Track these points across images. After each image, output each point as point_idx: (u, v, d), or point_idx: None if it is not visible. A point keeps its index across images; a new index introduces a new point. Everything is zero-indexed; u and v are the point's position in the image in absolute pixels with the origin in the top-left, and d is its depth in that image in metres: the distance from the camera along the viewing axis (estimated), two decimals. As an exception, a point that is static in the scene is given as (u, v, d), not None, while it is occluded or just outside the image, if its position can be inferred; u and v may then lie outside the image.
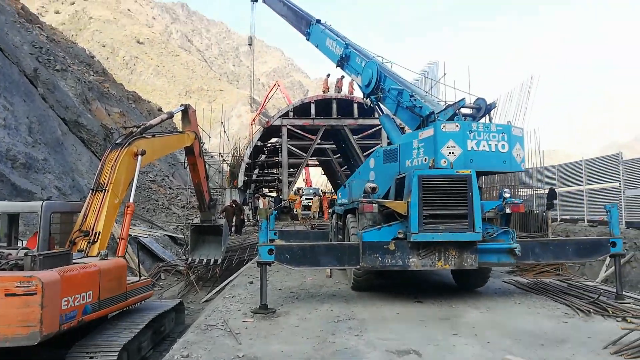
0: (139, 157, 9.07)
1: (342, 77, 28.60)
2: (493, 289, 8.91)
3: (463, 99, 8.37)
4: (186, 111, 12.05)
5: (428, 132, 8.05)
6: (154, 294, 13.79)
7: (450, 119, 8.27)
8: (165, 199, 29.15)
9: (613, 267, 12.49)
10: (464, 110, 8.55)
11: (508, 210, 7.71)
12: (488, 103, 8.51)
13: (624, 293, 7.66)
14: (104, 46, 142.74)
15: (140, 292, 8.10)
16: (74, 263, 6.63)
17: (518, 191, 18.23)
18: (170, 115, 11.76)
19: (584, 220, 17.92)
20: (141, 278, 8.36)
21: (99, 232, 7.95)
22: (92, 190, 8.45)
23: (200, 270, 15.03)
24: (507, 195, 7.84)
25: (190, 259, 14.13)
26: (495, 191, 17.91)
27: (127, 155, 8.85)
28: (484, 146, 7.84)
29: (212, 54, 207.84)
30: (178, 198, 30.19)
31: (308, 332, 6.04)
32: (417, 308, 7.35)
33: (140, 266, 16.05)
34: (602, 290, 7.78)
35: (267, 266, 7.37)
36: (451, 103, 8.58)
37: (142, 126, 9.97)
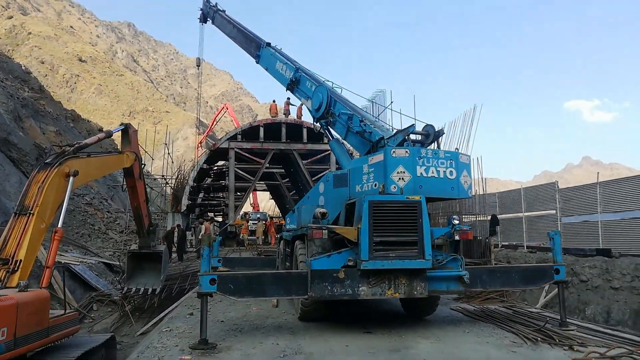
0: (71, 178, 8.34)
1: (288, 98, 28.65)
2: (441, 316, 8.81)
3: (412, 125, 8.38)
4: (126, 131, 11.40)
5: (378, 157, 7.95)
6: (82, 327, 12.76)
7: (400, 144, 8.23)
8: (103, 223, 27.54)
9: (552, 293, 12.90)
10: (412, 137, 8.56)
11: (457, 237, 7.67)
12: (436, 130, 8.56)
13: (567, 320, 7.74)
14: (42, 63, 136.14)
15: (66, 327, 7.31)
16: (-13, 296, 5.86)
17: (462, 218, 18.59)
18: (109, 135, 11.05)
19: (523, 246, 18.55)
20: (67, 311, 7.55)
21: (20, 260, 7.16)
22: (15, 213, 7.64)
23: (137, 300, 14.07)
24: (456, 222, 7.83)
25: (125, 288, 13.19)
26: (439, 217, 18.21)
27: (57, 176, 8.11)
28: (432, 172, 7.82)
29: (158, 75, 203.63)
30: (116, 222, 28.64)
31: (251, 369, 5.59)
32: (366, 339, 7.07)
33: (70, 296, 14.88)
34: (548, 318, 7.84)
35: (209, 297, 6.88)
36: (401, 129, 8.55)
37: (76, 145, 9.25)
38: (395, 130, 8.79)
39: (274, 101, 30.27)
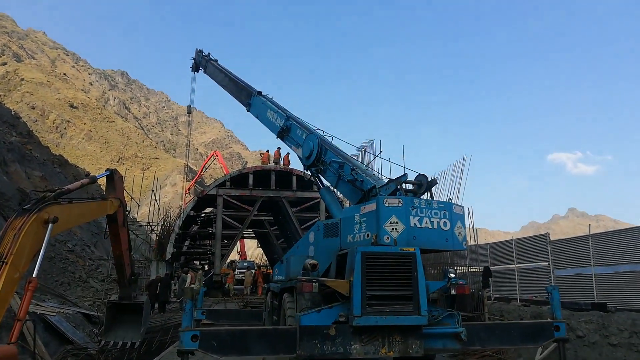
0: (50, 225, 7.95)
1: (279, 147, 28.83)
2: (437, 376, 8.35)
3: (405, 175, 8.25)
4: (112, 176, 11.11)
5: (370, 206, 7.75)
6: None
7: (392, 194, 8.06)
8: (84, 271, 26.58)
9: (549, 349, 12.44)
10: (405, 186, 8.41)
11: (453, 292, 7.38)
12: (429, 179, 8.44)
13: (570, 381, 7.34)
14: (33, 108, 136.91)
15: (32, 388, 6.73)
16: (-54, 353, 5.37)
17: (456, 269, 18.25)
18: (93, 180, 10.71)
19: (516, 299, 18.14)
20: (35, 370, 6.99)
21: (-11, 313, 6.67)
22: (-13, 262, 7.21)
23: (115, 354, 13.29)
24: (452, 275, 7.55)
25: (103, 342, 12.48)
26: (429, 268, 17.87)
27: (36, 222, 7.68)
28: (426, 223, 7.62)
29: (149, 122, 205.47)
30: (98, 270, 27.68)
31: None
32: (358, 402, 6.59)
33: (44, 350, 14.01)
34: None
35: (190, 355, 6.41)
36: (393, 178, 8.42)
37: (58, 190, 8.92)
38: (387, 180, 8.65)
39: (267, 151, 30.46)
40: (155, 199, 29.26)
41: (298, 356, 6.61)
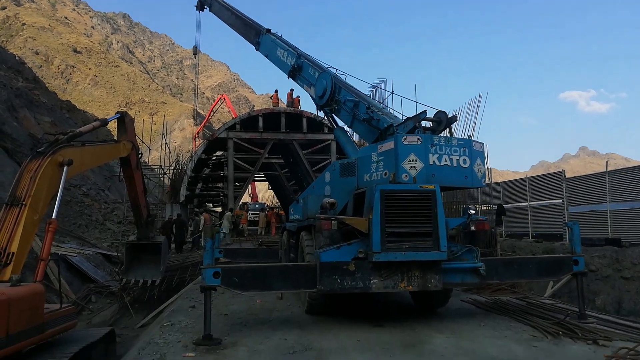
0: (65, 167, 7.93)
1: (292, 89, 28.25)
2: (453, 309, 8.51)
3: (424, 112, 7.99)
4: (122, 119, 11.00)
5: (388, 145, 7.59)
6: (80, 320, 12.44)
7: (410, 132, 7.88)
8: (100, 214, 27.16)
9: (560, 283, 12.63)
10: (424, 124, 8.18)
11: (473, 228, 7.34)
12: (449, 116, 8.20)
13: (586, 312, 7.44)
14: (37, 54, 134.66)
15: (62, 322, 6.97)
16: (-24, 291, 5.51)
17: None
18: (104, 123, 10.62)
19: (528, 235, 18.30)
20: (63, 306, 7.21)
21: (13, 253, 6.80)
22: (7, 204, 7.24)
23: (136, 292, 13.76)
24: (472, 212, 7.49)
25: (124, 280, 12.87)
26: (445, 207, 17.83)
27: (51, 165, 7.69)
28: (445, 161, 7.48)
29: (154, 66, 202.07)
30: (114, 213, 28.25)
31: (260, 367, 5.27)
32: (378, 334, 6.75)
33: (68, 288, 14.54)
34: (568, 311, 7.53)
35: (212, 291, 6.54)
36: (411, 116, 8.18)
37: (70, 133, 8.84)
38: (405, 118, 8.41)
39: (276, 91, 29.84)
40: (166, 143, 29.23)
41: (319, 291, 6.72)
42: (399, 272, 6.78)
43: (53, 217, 7.70)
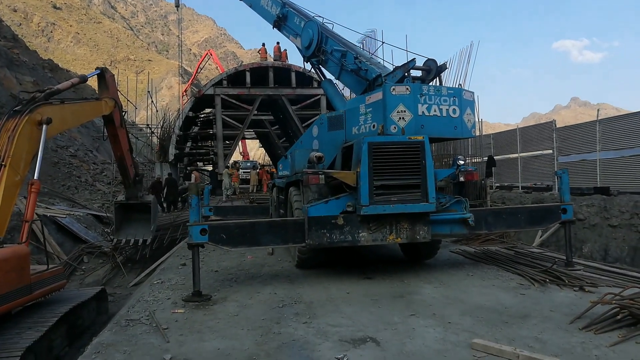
0: (44, 126, 7.67)
1: (278, 42, 27.53)
2: (442, 260, 8.58)
3: (413, 60, 7.72)
4: (103, 75, 10.60)
5: (376, 95, 7.37)
6: (73, 280, 12.49)
7: (399, 81, 7.62)
8: (89, 175, 26.90)
9: (548, 232, 12.78)
10: (413, 73, 7.94)
11: (462, 179, 7.26)
12: (439, 65, 7.95)
13: (573, 260, 7.52)
14: (15, 11, 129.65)
15: (50, 283, 6.93)
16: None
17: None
18: (83, 80, 10.24)
19: (518, 187, 18.40)
20: (50, 267, 7.15)
21: (-5, 215, 6.66)
22: (-15, 165, 7.05)
23: (128, 251, 13.78)
24: (461, 162, 7.38)
25: (115, 240, 12.85)
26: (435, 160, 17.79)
27: (29, 124, 7.42)
28: (435, 111, 7.29)
29: (138, 22, 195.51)
30: (103, 174, 28.00)
31: (249, 321, 5.28)
32: (367, 285, 6.79)
33: (59, 250, 14.52)
34: (555, 259, 7.60)
35: (201, 247, 6.49)
36: (400, 65, 7.91)
37: (48, 91, 8.52)
38: (393, 67, 8.14)
39: (263, 44, 29.05)
40: (152, 101, 28.63)
41: (307, 245, 6.69)
42: (387, 225, 6.74)
43: (35, 178, 7.54)
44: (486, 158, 18.72)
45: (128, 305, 6.62)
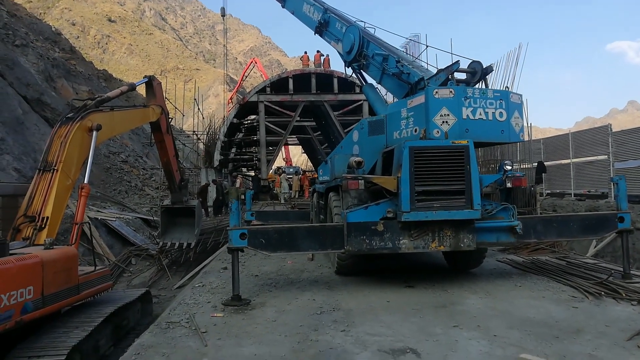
0: (94, 132, 7.98)
1: (318, 51, 27.79)
2: (488, 269, 8.24)
3: (457, 62, 7.49)
4: (150, 83, 10.95)
5: (418, 99, 7.20)
6: (121, 281, 12.91)
7: (443, 84, 7.43)
8: (139, 180, 27.91)
9: (604, 242, 12.07)
10: (457, 76, 7.70)
11: (509, 185, 6.95)
12: (484, 67, 7.67)
13: (631, 272, 7.03)
14: (73, 24, 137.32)
15: (97, 284, 7.16)
16: (12, 254, 5.66)
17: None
18: (132, 87, 10.63)
19: (570, 194, 17.55)
20: (97, 268, 7.39)
21: (47, 218, 6.96)
22: (39, 170, 7.40)
23: (174, 254, 14.12)
24: (508, 167, 7.07)
25: (161, 243, 13.18)
26: (481, 165, 17.28)
27: (80, 130, 7.76)
28: (480, 114, 7.03)
29: (187, 32, 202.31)
30: (152, 179, 28.98)
31: (287, 327, 5.22)
32: (408, 294, 6.60)
33: (109, 251, 15.08)
34: (612, 271, 7.13)
35: (240, 252, 6.51)
36: (443, 68, 7.70)
37: (98, 98, 8.87)
38: (437, 70, 7.93)
39: (305, 52, 29.38)
40: (199, 108, 29.37)
41: (346, 251, 6.58)
42: (429, 232, 6.54)
43: (85, 182, 7.84)
44: (536, 164, 17.99)
45: (170, 307, 6.72)
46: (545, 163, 18.51)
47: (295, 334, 4.99)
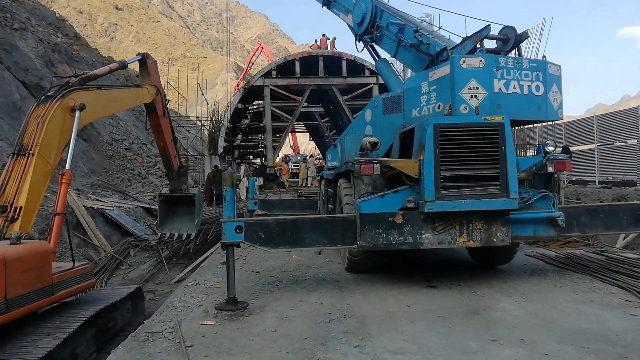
0: (77, 112, 7.07)
1: (324, 35, 26.86)
2: (518, 265, 7.29)
3: (488, 26, 6.45)
4: (144, 61, 10.04)
5: (442, 70, 6.20)
6: (116, 276, 12.14)
7: (470, 54, 6.42)
8: (142, 168, 27.17)
9: (632, 235, 11.05)
10: (487, 44, 6.68)
11: (551, 169, 5.96)
12: (518, 32, 6.65)
13: (690, 271, 6.06)
14: (80, 12, 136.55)
15: (75, 283, 6.31)
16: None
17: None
18: (123, 65, 9.67)
19: (595, 181, 16.51)
20: (76, 265, 6.54)
21: (21, 207, 6.12)
22: (13, 154, 6.54)
23: (175, 245, 13.32)
24: (550, 148, 6.06)
25: (159, 234, 12.36)
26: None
27: (61, 109, 6.84)
28: (514, 87, 6.04)
29: (194, 20, 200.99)
30: (156, 167, 28.22)
31: (289, 340, 4.35)
32: (431, 296, 5.68)
33: (105, 242, 14.31)
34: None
35: (236, 248, 5.63)
36: (470, 34, 6.69)
37: (83, 75, 7.96)
38: (462, 38, 6.92)
39: (316, 41, 28.32)
40: (203, 94, 28.49)
41: (359, 247, 5.67)
42: (457, 225, 5.60)
43: (66, 168, 6.99)
44: (560, 150, 16.92)
45: (158, 311, 5.88)
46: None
47: (298, 350, 4.11)
